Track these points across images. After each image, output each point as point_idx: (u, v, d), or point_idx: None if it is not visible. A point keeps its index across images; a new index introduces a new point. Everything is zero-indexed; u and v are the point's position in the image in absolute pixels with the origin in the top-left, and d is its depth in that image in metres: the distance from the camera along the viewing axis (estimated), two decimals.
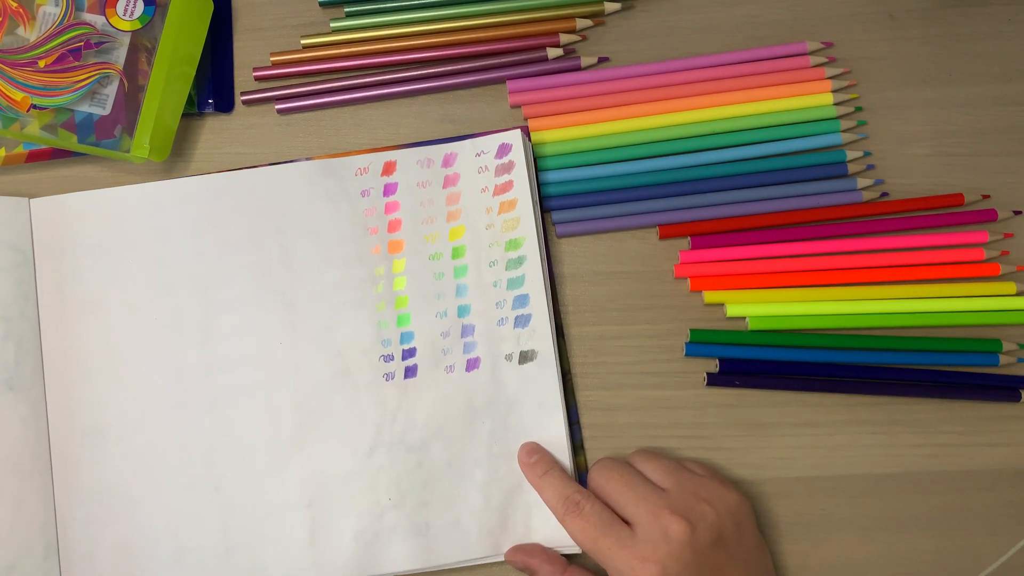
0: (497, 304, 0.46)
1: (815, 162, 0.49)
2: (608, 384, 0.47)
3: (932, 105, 0.51)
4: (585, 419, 0.46)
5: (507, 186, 0.47)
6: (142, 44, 0.48)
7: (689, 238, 0.49)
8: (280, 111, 0.51)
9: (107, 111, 0.48)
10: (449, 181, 0.48)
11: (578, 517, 0.40)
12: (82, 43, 0.47)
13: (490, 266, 0.47)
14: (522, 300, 0.46)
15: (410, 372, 0.46)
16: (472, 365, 0.46)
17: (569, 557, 0.43)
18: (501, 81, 0.51)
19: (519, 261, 0.46)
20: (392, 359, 0.46)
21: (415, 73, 0.51)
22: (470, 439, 0.45)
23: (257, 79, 0.52)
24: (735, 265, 0.48)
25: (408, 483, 0.44)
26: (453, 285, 0.47)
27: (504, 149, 0.48)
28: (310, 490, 0.45)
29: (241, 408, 0.46)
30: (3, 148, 0.50)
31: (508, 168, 0.48)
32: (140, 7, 0.48)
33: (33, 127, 0.47)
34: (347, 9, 0.52)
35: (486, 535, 0.43)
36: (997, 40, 0.52)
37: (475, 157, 0.48)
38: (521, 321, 0.46)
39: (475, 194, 0.48)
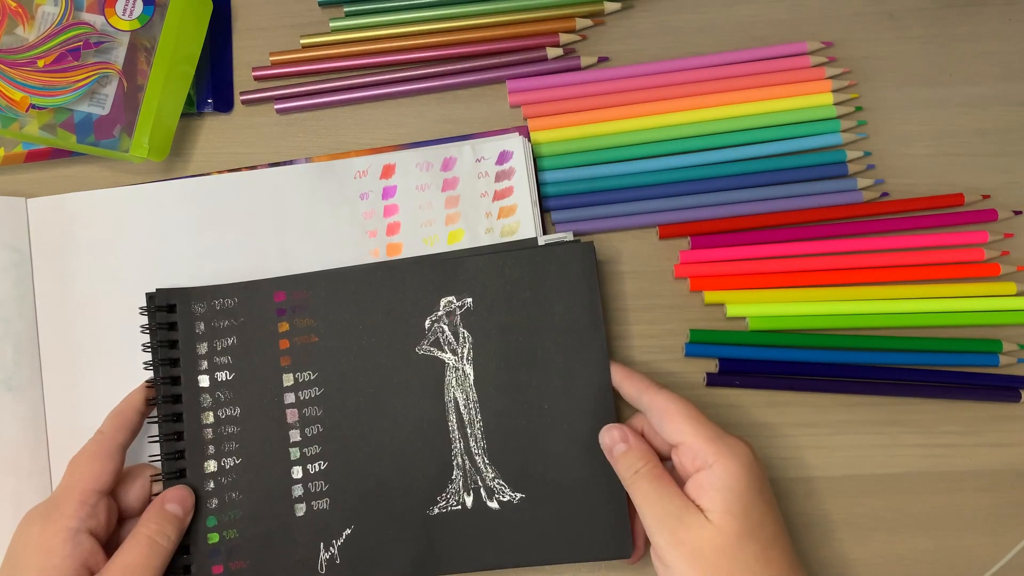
0: None
1: (815, 162, 0.49)
2: None
3: (932, 105, 0.51)
4: None
5: (507, 191, 0.47)
6: (141, 44, 0.48)
7: (689, 238, 0.49)
8: (279, 111, 0.51)
9: (106, 111, 0.48)
10: (448, 185, 0.48)
11: None
12: (81, 43, 0.47)
13: None
14: None
15: None
16: None
17: None
18: (501, 81, 0.51)
19: None
20: None
21: (415, 73, 0.51)
22: None
23: (256, 79, 0.52)
24: (735, 265, 0.48)
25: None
26: None
27: (505, 156, 0.48)
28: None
29: None
30: (2, 148, 0.50)
31: (508, 174, 0.48)
32: (139, 7, 0.48)
33: (32, 127, 0.47)
34: (346, 9, 0.52)
35: None
36: (997, 40, 0.52)
37: (475, 163, 0.48)
38: None
39: (474, 198, 0.48)
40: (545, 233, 0.48)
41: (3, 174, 0.51)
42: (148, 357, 0.44)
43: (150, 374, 0.45)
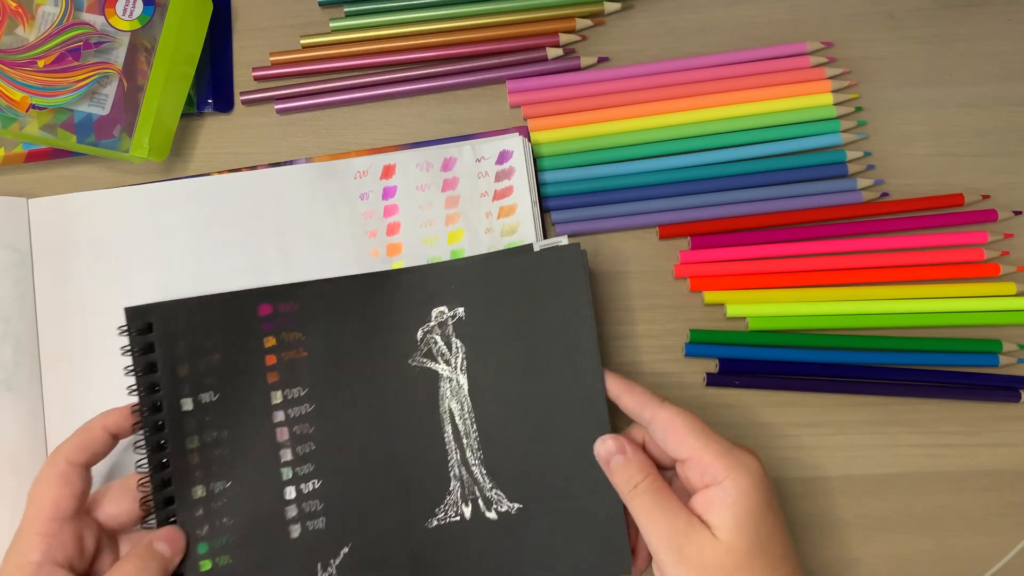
0: None
1: (815, 162, 0.49)
2: None
3: (932, 105, 0.51)
4: None
5: (507, 191, 0.47)
6: (141, 44, 0.48)
7: (689, 238, 0.49)
8: (279, 111, 0.51)
9: (106, 111, 0.48)
10: (448, 185, 0.48)
11: None
12: (81, 43, 0.47)
13: None
14: None
15: None
16: None
17: None
18: (501, 81, 0.51)
19: None
20: None
21: (415, 73, 0.51)
22: None
23: (256, 79, 0.52)
24: (735, 265, 0.48)
25: None
26: None
27: (504, 155, 0.48)
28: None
29: None
30: (2, 148, 0.50)
31: (508, 174, 0.48)
32: (139, 7, 0.48)
33: (32, 127, 0.47)
34: (347, 9, 0.52)
35: None
36: (997, 40, 0.52)
37: (475, 163, 0.48)
38: None
39: (474, 198, 0.48)
40: (545, 232, 0.48)
41: (3, 174, 0.51)
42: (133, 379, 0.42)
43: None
